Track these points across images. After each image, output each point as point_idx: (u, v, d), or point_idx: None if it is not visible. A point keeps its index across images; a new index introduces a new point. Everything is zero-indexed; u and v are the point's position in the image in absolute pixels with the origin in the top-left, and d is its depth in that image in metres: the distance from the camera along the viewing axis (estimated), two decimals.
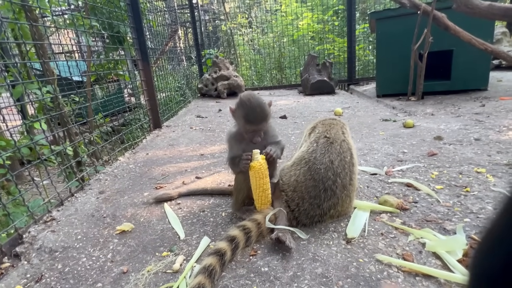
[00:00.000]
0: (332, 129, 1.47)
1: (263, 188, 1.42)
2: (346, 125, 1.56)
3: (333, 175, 1.32)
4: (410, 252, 1.16)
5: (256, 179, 1.41)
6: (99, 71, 3.54)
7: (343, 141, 1.42)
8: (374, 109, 3.83)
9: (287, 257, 1.20)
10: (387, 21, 4.11)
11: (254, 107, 1.36)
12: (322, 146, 1.39)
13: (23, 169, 1.83)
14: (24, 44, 2.16)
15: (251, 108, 1.36)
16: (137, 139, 3.26)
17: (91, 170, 2.37)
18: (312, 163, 1.35)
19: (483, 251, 0.18)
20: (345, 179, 1.34)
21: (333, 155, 1.36)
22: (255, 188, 1.43)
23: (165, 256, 1.30)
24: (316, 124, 1.57)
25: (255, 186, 1.42)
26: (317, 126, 1.54)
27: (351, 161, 1.38)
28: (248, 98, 1.38)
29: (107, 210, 1.75)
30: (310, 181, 1.34)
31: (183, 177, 2.14)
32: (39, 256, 1.39)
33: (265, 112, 1.37)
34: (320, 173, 1.32)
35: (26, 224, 1.66)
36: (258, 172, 1.39)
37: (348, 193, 1.37)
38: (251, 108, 1.36)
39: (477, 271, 0.18)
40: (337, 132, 1.46)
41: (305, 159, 1.39)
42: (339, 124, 1.52)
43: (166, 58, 6.11)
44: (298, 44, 7.45)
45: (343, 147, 1.39)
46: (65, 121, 2.73)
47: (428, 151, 2.13)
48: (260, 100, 1.39)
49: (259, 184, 1.41)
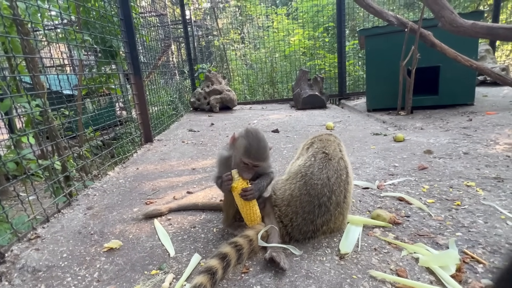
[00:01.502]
0: (330, 146, 1.46)
1: (249, 205, 1.39)
2: (341, 142, 1.56)
3: (328, 192, 1.31)
4: (403, 268, 1.15)
5: (239, 199, 1.38)
6: (91, 85, 3.52)
7: (340, 158, 1.41)
8: (365, 123, 3.88)
9: (280, 274, 1.17)
10: (376, 38, 4.23)
11: (258, 143, 1.34)
12: (320, 162, 1.38)
13: (8, 184, 1.77)
14: (14, 58, 2.15)
15: (256, 142, 1.34)
16: (128, 153, 3.21)
17: (80, 185, 2.31)
18: (309, 178, 1.34)
19: None
20: (339, 196, 1.33)
21: (331, 172, 1.34)
22: (241, 207, 1.41)
23: (154, 275, 1.26)
24: (314, 140, 1.55)
25: (241, 205, 1.40)
26: (315, 141, 1.53)
27: (346, 180, 1.37)
28: (255, 132, 1.37)
29: (94, 227, 1.70)
30: (305, 196, 1.32)
31: (174, 192, 2.11)
32: (21, 276, 1.33)
33: (266, 152, 1.36)
34: (317, 189, 1.31)
35: (9, 242, 1.59)
36: (237, 189, 1.37)
37: (342, 210, 1.36)
38: (256, 143, 1.34)
39: None
40: (335, 149, 1.45)
41: (302, 173, 1.37)
42: (336, 141, 1.52)
43: (158, 72, 6.13)
44: (290, 59, 7.58)
45: (340, 164, 1.38)
46: (54, 134, 2.68)
47: (418, 165, 2.15)
48: (265, 139, 1.38)
49: (244, 203, 1.39)
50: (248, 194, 1.35)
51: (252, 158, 1.33)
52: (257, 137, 1.36)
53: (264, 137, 1.39)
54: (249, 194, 1.35)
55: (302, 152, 1.56)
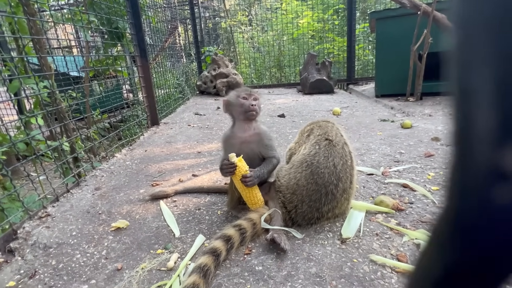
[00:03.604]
0: (331, 131, 1.45)
1: (248, 189, 1.41)
2: (341, 127, 1.54)
3: (335, 179, 1.31)
4: (404, 253, 1.17)
5: (238, 182, 1.41)
6: (97, 67, 3.52)
7: (344, 144, 1.40)
8: (372, 109, 3.83)
9: (282, 256, 1.20)
10: (387, 21, 4.11)
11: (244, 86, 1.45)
12: (325, 149, 1.36)
13: (18, 164, 1.81)
14: (21, 39, 2.15)
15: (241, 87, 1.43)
16: (135, 136, 3.25)
17: (88, 166, 2.35)
18: (315, 167, 1.33)
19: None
20: (346, 183, 1.34)
21: (337, 159, 1.33)
22: (241, 190, 1.43)
23: (159, 254, 1.30)
24: (312, 126, 1.54)
25: (240, 188, 1.43)
26: (314, 128, 1.52)
27: (351, 165, 1.37)
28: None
29: (102, 207, 1.75)
30: (312, 185, 1.32)
31: (179, 175, 2.14)
32: (33, 252, 1.38)
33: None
34: (324, 177, 1.30)
35: (21, 219, 1.65)
36: (237, 175, 1.39)
37: (347, 196, 1.36)
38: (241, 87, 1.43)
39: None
40: (337, 134, 1.43)
41: (307, 162, 1.35)
42: (335, 126, 1.51)
43: (165, 55, 6.08)
44: (298, 42, 7.43)
45: (345, 150, 1.38)
46: (62, 116, 2.72)
47: (425, 152, 2.13)
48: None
49: (243, 186, 1.41)
50: (247, 180, 1.38)
51: (246, 91, 1.48)
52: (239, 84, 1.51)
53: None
54: (248, 181, 1.38)
55: (301, 139, 1.55)
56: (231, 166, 1.38)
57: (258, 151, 1.49)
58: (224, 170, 1.40)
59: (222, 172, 1.43)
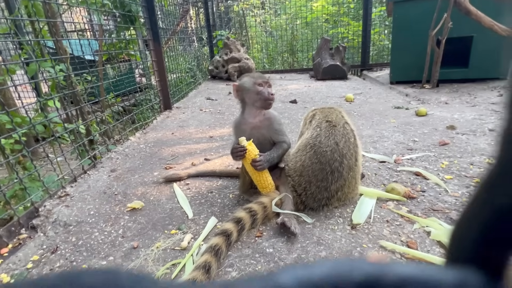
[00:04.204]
0: (332, 113, 1.49)
1: (260, 173, 1.44)
2: (343, 111, 1.56)
3: (339, 156, 1.33)
4: (414, 240, 1.17)
5: (248, 165, 1.44)
6: (111, 51, 3.54)
7: (345, 123, 1.44)
8: (386, 96, 3.76)
9: (292, 240, 1.23)
10: (405, 4, 3.95)
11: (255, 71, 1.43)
12: (325, 130, 1.40)
13: (38, 146, 1.88)
14: (37, 22, 2.18)
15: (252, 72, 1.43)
16: (148, 120, 3.29)
17: (103, 148, 2.42)
18: (317, 147, 1.36)
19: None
20: (351, 160, 1.35)
21: (338, 137, 1.37)
22: (251, 174, 1.46)
23: (173, 234, 1.35)
24: (315, 111, 1.58)
25: (251, 171, 1.46)
26: (316, 113, 1.55)
27: (355, 143, 1.39)
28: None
29: (118, 188, 1.80)
30: (316, 165, 1.35)
31: (192, 159, 2.17)
32: (54, 229, 1.45)
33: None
34: (327, 156, 1.33)
35: (42, 198, 1.73)
36: (247, 159, 1.42)
37: (354, 174, 1.37)
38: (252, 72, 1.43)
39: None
40: (337, 116, 1.48)
41: (310, 144, 1.40)
42: (337, 110, 1.55)
43: (177, 39, 6.05)
44: (312, 27, 7.26)
45: (346, 129, 1.41)
46: (78, 99, 2.77)
47: (439, 140, 2.09)
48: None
49: (253, 169, 1.43)
50: (257, 165, 1.40)
51: (262, 78, 1.47)
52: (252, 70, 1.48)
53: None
54: (258, 165, 1.40)
55: (307, 126, 1.57)
56: (241, 150, 1.40)
57: (268, 136, 1.51)
58: (234, 153, 1.43)
59: (232, 156, 1.46)
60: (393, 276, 0.15)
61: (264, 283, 0.16)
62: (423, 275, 0.16)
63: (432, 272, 0.16)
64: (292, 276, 0.16)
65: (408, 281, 0.15)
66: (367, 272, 0.16)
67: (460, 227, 0.19)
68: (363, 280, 0.15)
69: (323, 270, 0.16)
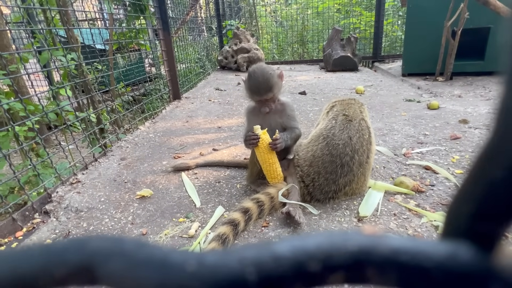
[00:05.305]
0: (351, 108, 1.47)
1: (269, 162, 1.44)
2: (364, 105, 1.54)
3: (351, 151, 1.32)
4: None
5: (260, 154, 1.44)
6: (121, 40, 3.56)
7: (361, 119, 1.41)
8: (398, 89, 3.69)
9: (298, 230, 1.24)
10: None
11: (257, 78, 1.37)
12: (340, 123, 1.39)
13: (50, 133, 1.92)
14: (49, 10, 2.20)
15: (254, 78, 1.37)
16: (157, 109, 3.32)
17: (113, 137, 2.45)
18: (330, 139, 1.36)
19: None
20: (362, 156, 1.34)
21: (352, 132, 1.35)
22: (262, 163, 1.46)
23: (181, 222, 1.37)
24: (335, 103, 1.56)
25: (262, 161, 1.46)
26: (336, 105, 1.53)
27: (369, 140, 1.37)
28: (253, 70, 1.40)
29: (128, 176, 1.83)
30: (327, 156, 1.34)
31: (200, 148, 2.19)
32: (66, 214, 1.49)
33: (269, 83, 1.37)
34: (338, 149, 1.33)
35: (54, 184, 1.77)
36: (260, 148, 1.42)
37: (364, 171, 1.37)
38: (255, 78, 1.37)
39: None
40: (355, 111, 1.45)
41: (323, 135, 1.39)
42: (357, 104, 1.52)
43: (186, 28, 6.03)
44: (323, 17, 7.13)
45: (361, 125, 1.39)
46: (89, 88, 2.80)
47: (451, 134, 2.06)
48: (265, 71, 1.38)
49: (264, 159, 1.43)
50: (277, 143, 1.40)
51: (257, 92, 1.38)
52: (255, 72, 1.38)
53: (264, 70, 1.39)
54: (278, 143, 1.40)
55: (323, 116, 1.56)
56: (255, 138, 1.40)
57: (281, 122, 1.51)
58: (247, 141, 1.43)
59: (245, 144, 1.46)
60: (385, 247, 0.16)
61: (260, 250, 0.17)
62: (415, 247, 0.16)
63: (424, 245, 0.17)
64: (288, 245, 0.17)
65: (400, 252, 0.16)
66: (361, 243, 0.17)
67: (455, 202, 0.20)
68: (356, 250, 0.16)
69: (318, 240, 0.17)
